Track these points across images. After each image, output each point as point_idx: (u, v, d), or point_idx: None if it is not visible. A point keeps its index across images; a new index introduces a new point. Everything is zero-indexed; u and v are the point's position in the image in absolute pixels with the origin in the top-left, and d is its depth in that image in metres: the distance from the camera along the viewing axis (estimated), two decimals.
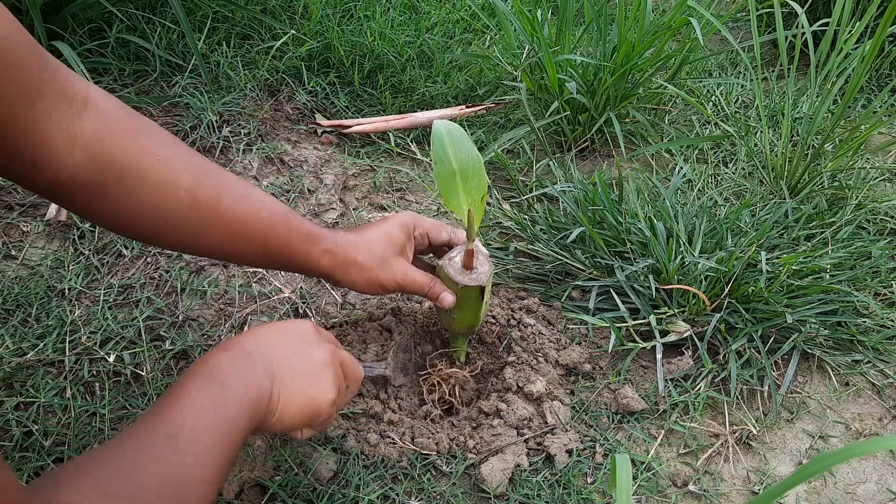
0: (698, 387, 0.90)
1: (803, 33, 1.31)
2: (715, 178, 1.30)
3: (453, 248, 0.84)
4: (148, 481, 0.50)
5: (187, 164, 0.66)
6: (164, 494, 0.51)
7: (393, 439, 0.80)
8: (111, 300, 0.89)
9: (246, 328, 0.89)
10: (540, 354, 0.92)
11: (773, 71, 1.64)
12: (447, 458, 0.79)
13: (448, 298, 0.80)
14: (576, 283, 1.01)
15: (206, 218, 0.67)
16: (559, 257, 1.04)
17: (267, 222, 0.71)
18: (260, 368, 0.61)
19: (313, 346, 0.67)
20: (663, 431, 0.86)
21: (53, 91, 0.57)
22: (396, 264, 0.79)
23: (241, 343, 0.63)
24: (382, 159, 1.23)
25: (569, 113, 1.30)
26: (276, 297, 0.94)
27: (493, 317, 0.95)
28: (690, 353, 0.94)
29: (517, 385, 0.88)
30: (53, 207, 0.98)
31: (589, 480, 0.80)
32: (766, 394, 0.92)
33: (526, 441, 0.82)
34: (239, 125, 1.17)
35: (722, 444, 0.86)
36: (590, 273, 1.02)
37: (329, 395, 0.65)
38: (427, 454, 0.79)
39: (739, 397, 0.91)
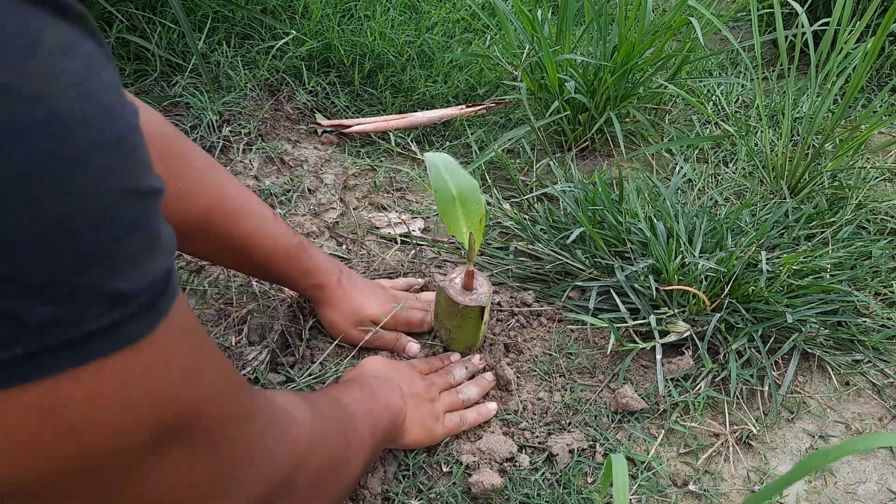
0: (698, 386, 0.90)
1: (803, 33, 1.31)
2: (715, 177, 1.30)
3: (454, 269, 0.87)
4: (329, 413, 0.59)
5: (208, 188, 0.72)
6: (341, 429, 0.59)
7: None
8: None
9: (245, 328, 0.89)
10: (539, 354, 0.92)
11: (773, 71, 1.64)
12: (447, 458, 0.79)
13: (413, 348, 0.88)
14: (576, 283, 1.01)
15: (212, 240, 0.74)
16: (559, 257, 1.04)
17: (269, 250, 0.79)
18: (393, 389, 0.74)
19: (420, 381, 0.80)
20: (663, 431, 0.86)
21: None
22: (364, 329, 0.87)
23: (374, 371, 0.77)
24: (382, 159, 1.23)
25: (569, 113, 1.30)
26: (275, 297, 0.94)
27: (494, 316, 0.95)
28: (690, 353, 0.94)
29: (516, 384, 0.88)
30: None
31: (589, 480, 0.80)
32: (766, 393, 0.92)
33: (526, 440, 0.82)
34: (239, 125, 1.17)
35: (722, 443, 0.86)
36: (590, 273, 1.02)
37: (441, 426, 0.78)
38: (427, 454, 0.79)
39: (739, 397, 0.91)
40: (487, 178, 1.22)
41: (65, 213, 0.29)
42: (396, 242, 1.07)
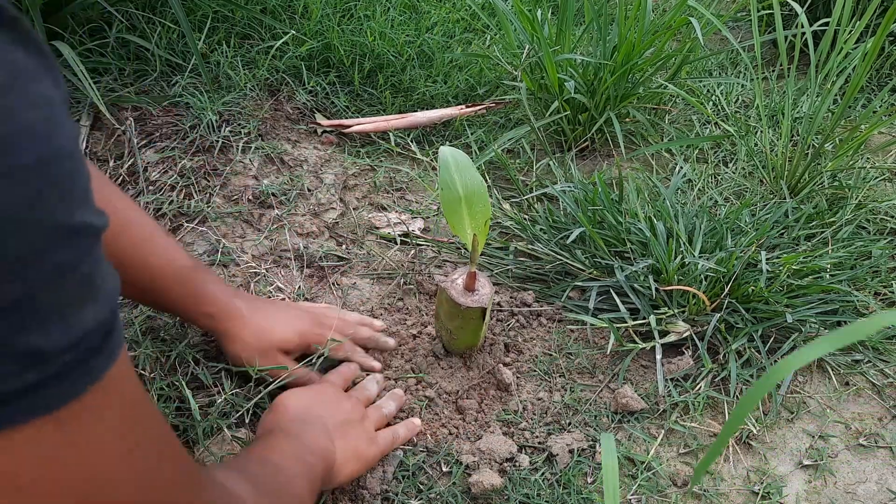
0: (698, 386, 0.90)
1: (803, 33, 1.31)
2: (715, 177, 1.30)
3: (455, 269, 0.86)
4: (267, 483, 0.57)
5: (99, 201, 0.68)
6: (281, 497, 0.58)
7: None
8: None
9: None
10: (539, 354, 0.92)
11: (773, 71, 1.64)
12: (447, 458, 0.79)
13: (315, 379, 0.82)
14: (576, 283, 1.01)
15: None
16: (559, 257, 1.04)
17: (155, 270, 0.72)
18: (319, 430, 0.70)
19: (346, 402, 0.76)
20: (663, 431, 0.86)
21: None
22: (278, 358, 0.79)
23: (295, 413, 0.71)
24: (382, 159, 1.23)
25: (569, 113, 1.30)
26: (275, 298, 0.94)
27: (493, 317, 0.95)
28: (690, 353, 0.94)
29: (516, 385, 0.88)
30: None
31: (589, 480, 0.80)
32: (766, 394, 0.92)
33: (526, 440, 0.82)
34: (239, 125, 1.17)
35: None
36: (590, 273, 1.02)
37: (376, 447, 0.74)
38: (427, 454, 0.79)
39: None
40: (487, 177, 1.22)
41: None
42: (396, 242, 1.07)
